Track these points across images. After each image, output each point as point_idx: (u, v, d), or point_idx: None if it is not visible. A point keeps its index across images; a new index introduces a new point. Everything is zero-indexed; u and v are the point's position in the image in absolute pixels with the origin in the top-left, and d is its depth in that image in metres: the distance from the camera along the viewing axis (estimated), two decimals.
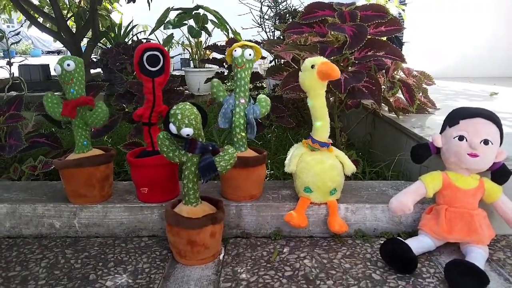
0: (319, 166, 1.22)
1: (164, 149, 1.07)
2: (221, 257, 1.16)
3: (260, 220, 1.27)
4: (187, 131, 0.99)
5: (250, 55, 1.22)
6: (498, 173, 1.16)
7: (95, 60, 2.59)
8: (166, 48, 4.93)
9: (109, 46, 2.49)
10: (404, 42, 3.66)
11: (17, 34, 2.74)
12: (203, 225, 1.07)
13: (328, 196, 1.24)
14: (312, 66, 1.14)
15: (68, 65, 1.19)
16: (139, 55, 1.19)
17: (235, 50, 1.22)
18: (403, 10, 3.78)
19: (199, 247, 1.08)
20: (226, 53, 1.29)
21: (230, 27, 3.82)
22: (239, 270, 1.08)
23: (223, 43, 2.28)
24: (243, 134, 1.26)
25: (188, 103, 1.02)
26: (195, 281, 1.04)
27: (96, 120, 1.25)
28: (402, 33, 3.73)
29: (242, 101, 1.24)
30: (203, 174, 1.03)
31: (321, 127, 1.21)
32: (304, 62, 1.17)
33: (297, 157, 1.25)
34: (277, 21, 3.41)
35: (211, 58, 2.23)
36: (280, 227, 1.27)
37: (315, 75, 1.13)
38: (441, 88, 2.79)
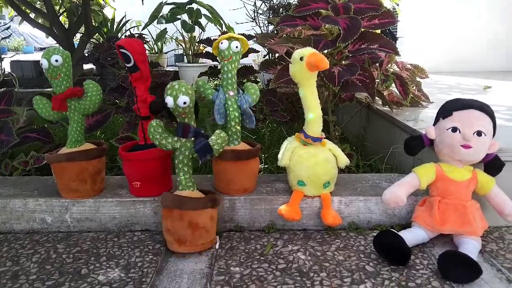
0: (312, 160, 1.22)
1: (156, 137, 1.08)
2: (217, 246, 1.16)
3: (254, 214, 1.26)
4: (184, 98, 1.03)
5: (236, 47, 1.21)
6: (491, 165, 1.16)
7: (86, 55, 2.56)
8: (159, 43, 4.90)
9: (102, 41, 2.47)
10: (398, 37, 3.66)
11: (7, 28, 2.71)
12: (205, 205, 1.09)
13: (322, 189, 1.23)
14: (301, 58, 1.13)
15: (56, 60, 1.17)
16: (117, 51, 1.19)
17: (222, 43, 1.21)
18: (398, 4, 3.78)
19: (201, 230, 1.09)
20: (212, 47, 1.28)
21: (224, 21, 3.80)
22: (232, 263, 1.08)
23: (217, 38, 2.27)
24: (238, 127, 1.25)
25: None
26: (188, 274, 1.03)
27: (92, 102, 1.24)
28: (397, 28, 3.73)
29: (231, 93, 1.23)
30: (200, 155, 1.05)
31: (313, 120, 1.21)
32: (293, 55, 1.17)
33: (290, 151, 1.25)
34: (270, 15, 3.40)
35: (204, 52, 2.21)
36: (273, 220, 1.26)
37: (304, 66, 1.13)
38: (435, 82, 2.80)
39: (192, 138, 1.10)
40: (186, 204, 1.07)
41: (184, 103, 1.04)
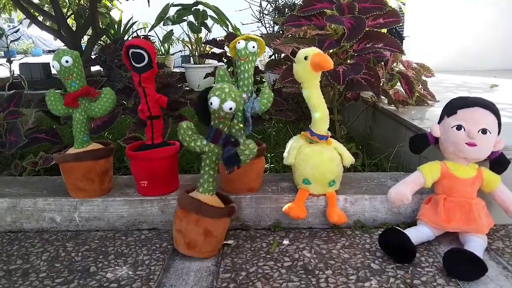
0: (317, 158, 1.22)
1: (186, 138, 1.05)
2: (230, 241, 1.17)
3: (260, 212, 1.27)
4: (231, 104, 0.99)
5: (253, 47, 1.22)
6: (496, 162, 1.16)
7: (93, 57, 2.59)
8: (166, 45, 4.93)
9: (108, 43, 2.50)
10: (404, 37, 3.65)
11: (17, 31, 2.74)
12: (222, 215, 1.08)
13: (327, 187, 1.24)
14: (305, 58, 1.14)
15: (67, 61, 1.20)
16: (124, 52, 1.20)
17: (239, 43, 1.22)
18: (403, 4, 3.77)
19: (213, 238, 1.08)
20: (229, 47, 1.28)
21: (230, 22, 3.81)
22: (238, 261, 1.09)
23: (223, 39, 2.28)
24: (241, 125, 1.26)
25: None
26: (195, 272, 1.04)
27: (104, 107, 1.26)
28: (403, 28, 3.72)
29: (244, 95, 1.24)
30: (227, 165, 1.04)
31: (320, 118, 1.21)
32: (298, 54, 1.17)
33: (295, 149, 1.25)
34: (276, 15, 3.41)
35: (210, 53, 2.22)
36: (279, 219, 1.27)
37: (309, 66, 1.14)
38: (441, 81, 2.79)
39: (221, 145, 1.07)
40: (205, 210, 1.05)
41: (230, 108, 1.00)
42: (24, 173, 1.57)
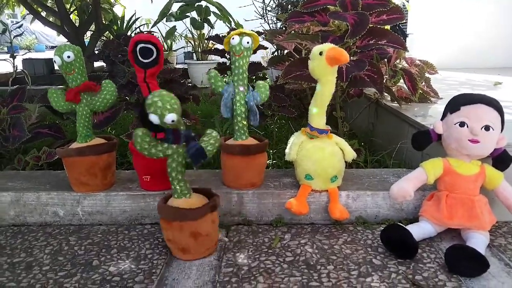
0: (319, 153, 1.22)
1: (145, 147, 0.99)
2: (220, 235, 1.14)
3: (262, 208, 1.27)
4: (171, 116, 0.93)
5: (248, 42, 1.22)
6: (499, 159, 1.16)
7: (96, 52, 2.59)
8: (168, 41, 4.93)
9: (111, 39, 2.51)
10: (408, 34, 3.64)
11: (20, 27, 2.75)
12: (204, 213, 1.06)
13: (329, 183, 1.24)
14: (320, 53, 1.14)
15: (68, 57, 1.20)
16: (132, 46, 1.19)
17: (233, 38, 1.22)
18: (407, 1, 3.76)
19: (203, 237, 1.06)
20: (223, 42, 1.29)
21: (232, 18, 3.81)
22: (240, 256, 1.09)
23: (226, 35, 2.28)
24: (244, 122, 1.27)
25: (164, 90, 0.97)
26: (197, 266, 1.05)
27: (105, 100, 1.26)
28: (406, 25, 3.71)
29: (241, 88, 1.24)
30: (195, 161, 0.99)
31: (317, 113, 1.22)
32: (312, 51, 1.17)
33: (297, 145, 1.26)
34: (279, 12, 3.40)
35: (213, 49, 2.22)
36: (281, 214, 1.27)
37: (324, 61, 1.13)
38: (445, 78, 2.78)
39: (183, 143, 1.03)
40: (184, 215, 1.03)
41: (172, 120, 0.94)
42: (27, 167, 1.58)
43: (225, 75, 1.98)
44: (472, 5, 3.59)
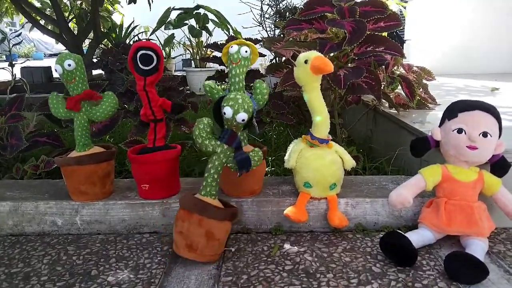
0: (318, 162, 1.22)
1: (202, 135, 1.06)
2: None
3: (261, 216, 1.27)
4: (243, 116, 1.01)
5: (246, 52, 1.22)
6: (497, 166, 1.16)
7: (95, 61, 2.60)
8: (167, 49, 4.94)
9: (110, 47, 2.52)
10: (405, 40, 3.66)
11: (19, 35, 2.76)
12: (225, 217, 1.08)
13: (328, 191, 1.24)
14: (306, 61, 1.15)
15: (69, 65, 1.21)
16: (132, 53, 1.20)
17: (232, 47, 1.23)
18: (404, 7, 3.78)
19: (215, 241, 1.06)
20: (222, 53, 1.29)
21: (231, 26, 3.82)
22: (239, 265, 1.09)
23: (224, 42, 2.29)
24: (245, 135, 1.26)
25: (243, 93, 1.07)
26: (196, 275, 1.04)
27: (105, 112, 1.26)
28: (403, 31, 3.73)
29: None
30: (241, 167, 1.06)
31: (321, 122, 1.22)
32: (298, 58, 1.18)
33: (296, 153, 1.26)
34: (277, 19, 3.42)
35: (211, 57, 2.23)
36: (280, 222, 1.27)
37: (309, 69, 1.14)
38: (442, 84, 2.79)
39: (233, 148, 1.09)
40: (209, 211, 1.04)
41: (243, 120, 1.02)
42: (26, 176, 1.57)
43: (223, 82, 1.99)
44: (469, 12, 3.61)
